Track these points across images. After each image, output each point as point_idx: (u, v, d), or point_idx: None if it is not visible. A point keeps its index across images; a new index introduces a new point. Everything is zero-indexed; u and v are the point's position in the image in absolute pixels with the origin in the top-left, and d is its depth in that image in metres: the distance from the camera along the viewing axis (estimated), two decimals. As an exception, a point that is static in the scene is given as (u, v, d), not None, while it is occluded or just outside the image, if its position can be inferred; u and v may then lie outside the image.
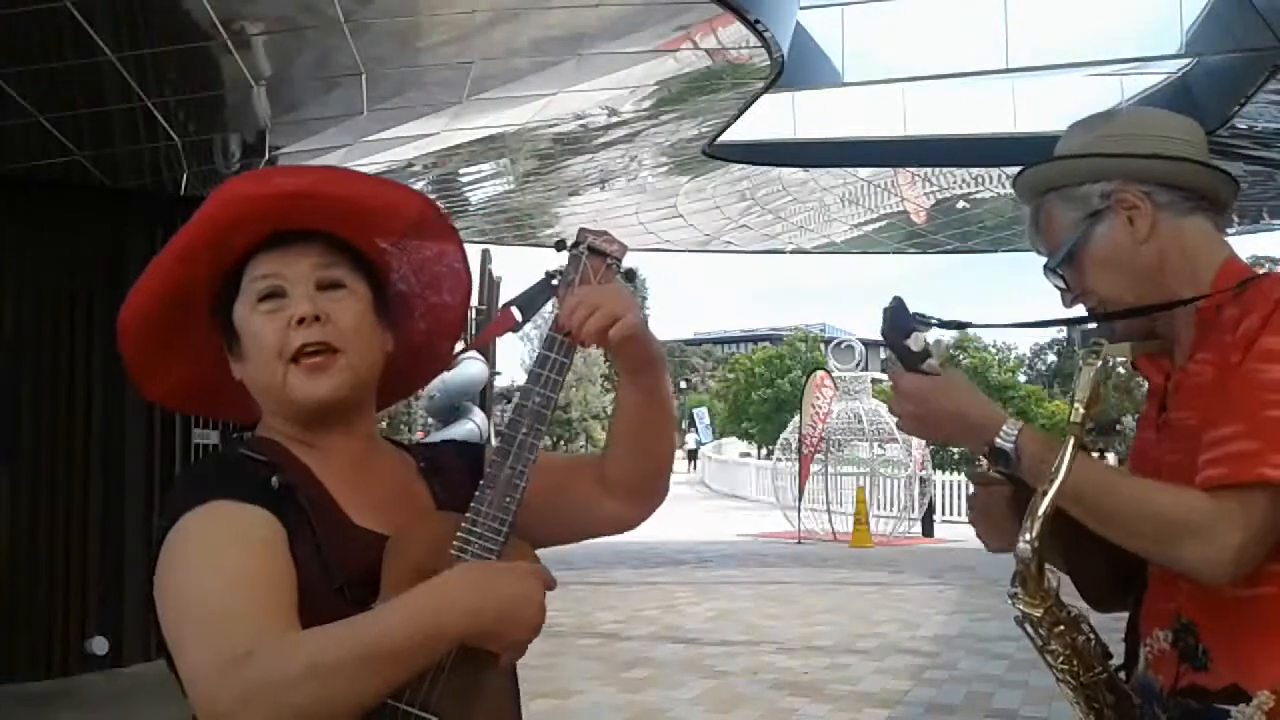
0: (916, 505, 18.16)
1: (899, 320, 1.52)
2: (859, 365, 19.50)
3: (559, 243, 1.44)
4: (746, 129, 10.07)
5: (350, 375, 1.37)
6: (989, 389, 32.94)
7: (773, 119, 11.11)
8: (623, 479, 1.51)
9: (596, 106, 8.23)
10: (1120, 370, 1.42)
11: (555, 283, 1.42)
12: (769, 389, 39.96)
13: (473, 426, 11.71)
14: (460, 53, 6.54)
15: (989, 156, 12.10)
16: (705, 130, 9.65)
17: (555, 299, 1.43)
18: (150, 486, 7.56)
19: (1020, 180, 1.67)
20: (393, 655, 1.16)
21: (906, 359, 1.52)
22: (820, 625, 9.31)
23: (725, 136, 9.94)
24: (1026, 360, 51.44)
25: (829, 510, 17.62)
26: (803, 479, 17.56)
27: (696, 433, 43.24)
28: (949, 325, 1.63)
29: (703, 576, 12.64)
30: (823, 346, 34.26)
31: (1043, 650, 1.50)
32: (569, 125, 8.70)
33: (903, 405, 1.55)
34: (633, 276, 1.46)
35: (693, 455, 41.21)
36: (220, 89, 6.42)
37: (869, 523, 16.57)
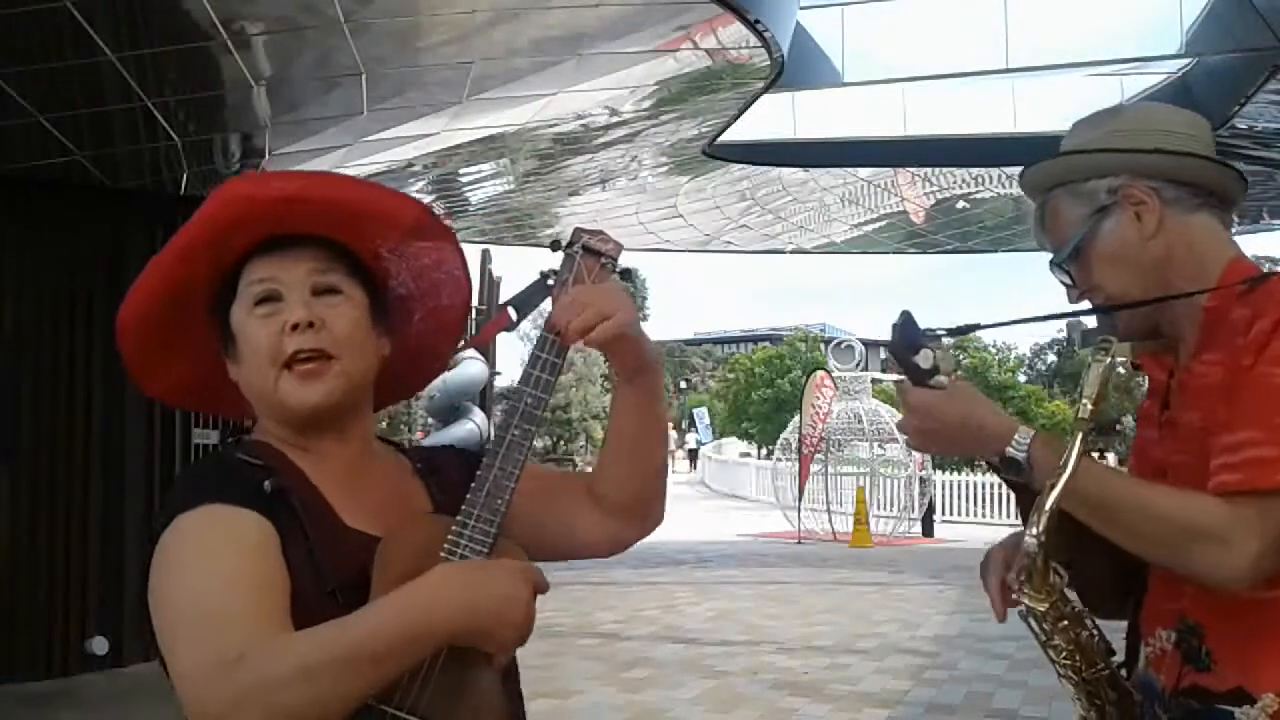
0: (916, 505, 18.16)
1: (908, 335, 1.49)
2: (859, 365, 19.49)
3: (554, 242, 1.43)
4: (746, 129, 10.07)
5: (344, 381, 1.36)
6: (989, 389, 32.92)
7: (773, 119, 11.12)
8: (613, 496, 1.49)
9: (596, 106, 8.22)
10: (1120, 370, 1.41)
11: (551, 282, 1.42)
12: (769, 389, 39.92)
13: (473, 426, 11.71)
14: (460, 53, 6.54)
15: (989, 156, 12.10)
16: (705, 130, 9.65)
17: (551, 299, 1.42)
18: (150, 486, 7.56)
19: (1026, 176, 1.66)
20: (381, 654, 1.15)
21: (915, 375, 1.50)
22: (820, 625, 9.31)
23: (725, 136, 9.94)
24: (1026, 360, 51.46)
25: (829, 510, 17.61)
26: (803, 479, 17.56)
27: (696, 433, 43.24)
28: (957, 332, 1.61)
29: (703, 576, 12.64)
30: (823, 346, 34.25)
31: (1045, 645, 1.50)
32: (569, 125, 8.70)
33: (912, 420, 1.52)
34: (629, 275, 1.45)
35: (693, 455, 41.23)
36: (220, 89, 6.43)
37: (869, 523, 16.58)
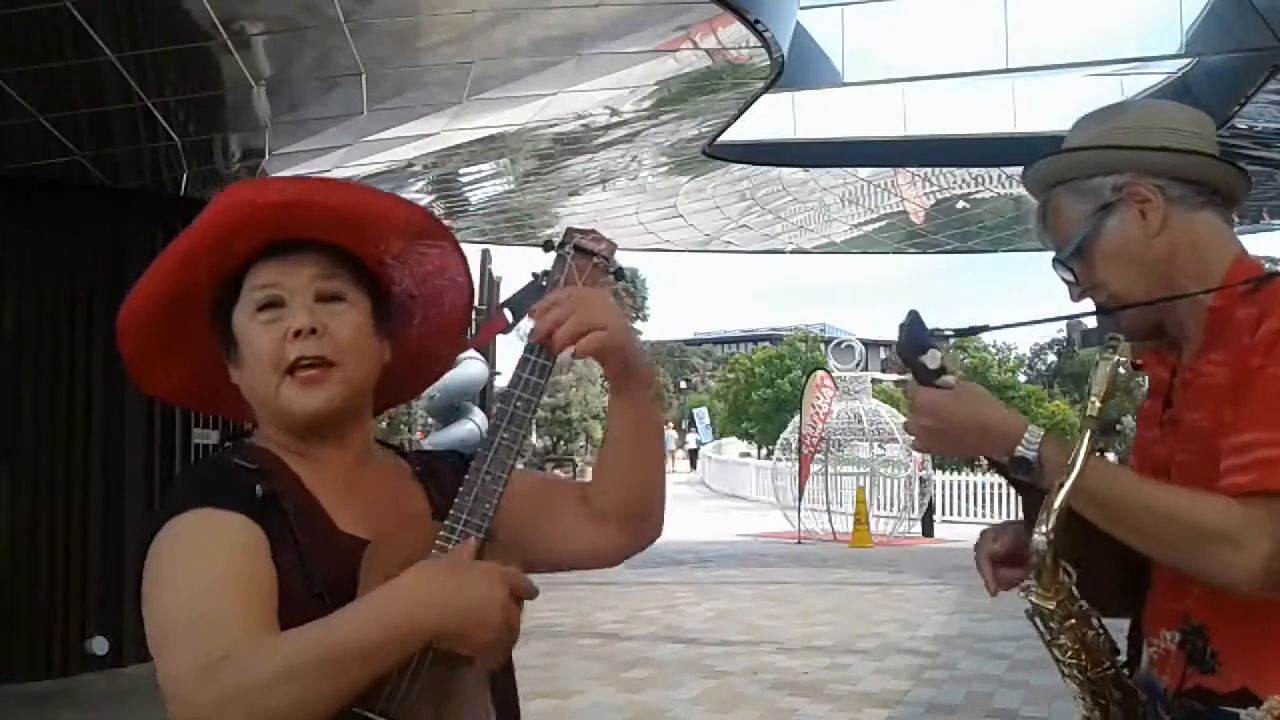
0: (916, 505, 18.16)
1: (915, 335, 1.47)
2: (859, 365, 19.49)
3: (546, 243, 1.42)
4: (746, 129, 10.06)
5: (345, 388, 1.36)
6: (989, 389, 32.74)
7: (773, 119, 11.11)
8: (609, 504, 1.46)
9: (596, 106, 8.22)
10: (1120, 370, 1.40)
11: (545, 284, 1.41)
12: (769, 389, 39.90)
13: (473, 426, 11.73)
14: (460, 53, 6.54)
15: (989, 156, 12.10)
16: (705, 130, 9.65)
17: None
18: (150, 486, 7.56)
19: (1030, 173, 1.64)
20: (362, 654, 1.15)
21: (921, 375, 1.48)
22: (820, 625, 9.31)
23: (725, 136, 9.93)
24: (1026, 360, 51.45)
25: (829, 510, 17.61)
26: (803, 479, 17.56)
27: (696, 433, 43.24)
28: (965, 333, 1.59)
29: (703, 576, 12.64)
30: (823, 346, 34.23)
31: (1050, 645, 1.48)
32: (569, 125, 8.70)
33: (919, 420, 1.50)
34: (623, 275, 1.44)
35: (693, 455, 41.23)
36: (220, 89, 6.42)
37: (869, 523, 16.58)
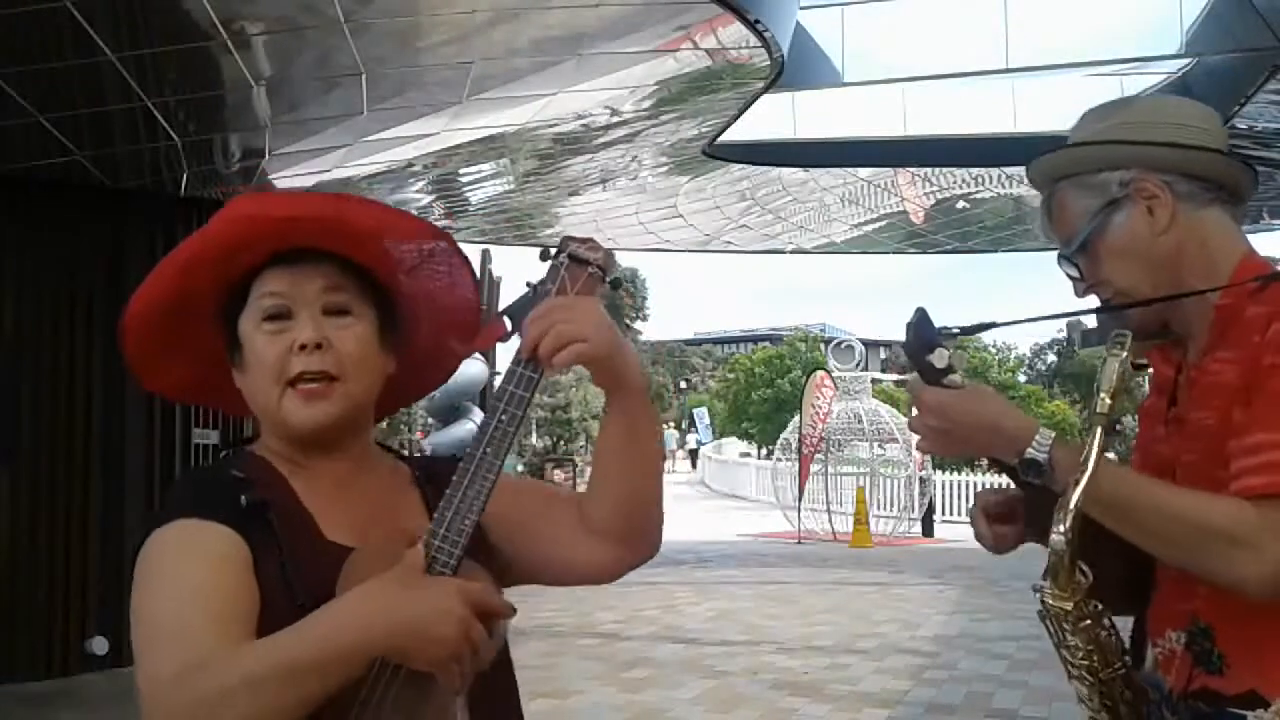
0: (916, 505, 18.17)
1: (923, 333, 1.44)
2: (859, 365, 19.50)
3: (543, 251, 1.40)
4: (746, 129, 10.05)
5: (346, 402, 1.36)
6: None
7: (773, 119, 11.10)
8: (602, 520, 1.40)
9: (596, 106, 8.22)
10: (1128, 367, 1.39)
11: (537, 294, 1.39)
12: (769, 389, 39.91)
13: (472, 426, 11.72)
14: (460, 53, 6.54)
15: (989, 156, 12.09)
16: (705, 130, 9.64)
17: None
18: (150, 486, 7.56)
19: (1035, 166, 1.62)
20: (312, 669, 1.14)
21: (928, 374, 1.44)
22: (820, 625, 9.31)
23: (725, 136, 9.93)
24: (1026, 360, 51.42)
25: (829, 510, 17.62)
26: (803, 479, 17.56)
27: (696, 433, 43.26)
28: (972, 330, 1.56)
29: (703, 576, 12.64)
30: (823, 346, 34.25)
31: (1060, 646, 1.46)
32: (569, 125, 8.69)
33: (925, 420, 1.46)
34: (619, 284, 1.42)
35: (693, 455, 41.24)
36: (220, 89, 6.42)
37: (869, 523, 16.58)
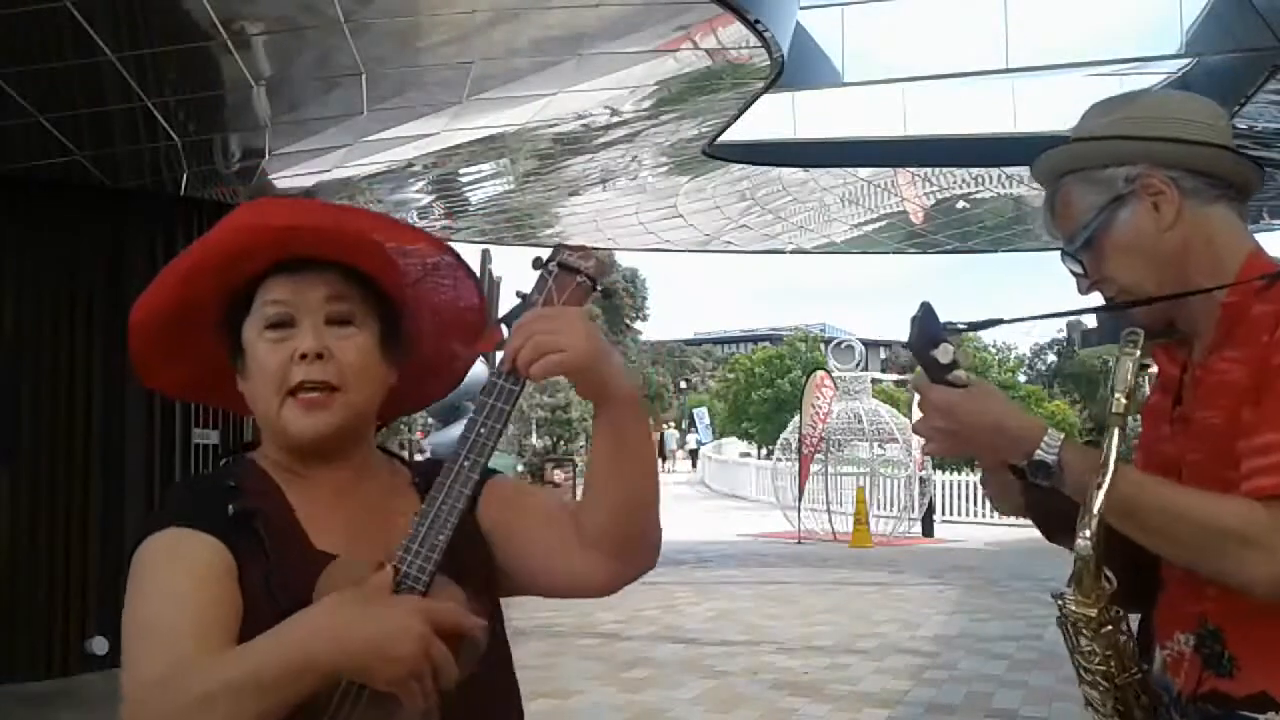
0: (916, 505, 18.16)
1: (928, 328, 1.41)
2: (859, 365, 19.50)
3: (536, 259, 1.39)
4: (746, 129, 10.04)
5: (347, 413, 1.36)
6: (989, 389, 32.76)
7: (773, 119, 11.09)
8: (597, 530, 1.36)
9: (596, 106, 8.22)
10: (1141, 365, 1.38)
11: (526, 303, 1.37)
12: (769, 389, 39.87)
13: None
14: (460, 53, 6.54)
15: (989, 156, 12.08)
16: (705, 130, 9.64)
17: None
18: (150, 486, 7.56)
19: (1039, 162, 1.61)
20: (262, 686, 1.13)
21: (932, 370, 1.41)
22: (820, 625, 9.31)
23: (725, 136, 9.92)
24: (1026, 360, 51.41)
25: (829, 510, 17.61)
26: (803, 479, 17.56)
27: (696, 433, 43.25)
28: (979, 326, 1.54)
29: (703, 576, 12.64)
30: (823, 346, 34.24)
31: (1075, 651, 1.43)
32: (569, 125, 8.69)
33: (932, 420, 1.43)
34: (611, 294, 1.39)
35: (693, 455, 41.24)
36: (220, 89, 6.42)
37: (869, 523, 16.58)
